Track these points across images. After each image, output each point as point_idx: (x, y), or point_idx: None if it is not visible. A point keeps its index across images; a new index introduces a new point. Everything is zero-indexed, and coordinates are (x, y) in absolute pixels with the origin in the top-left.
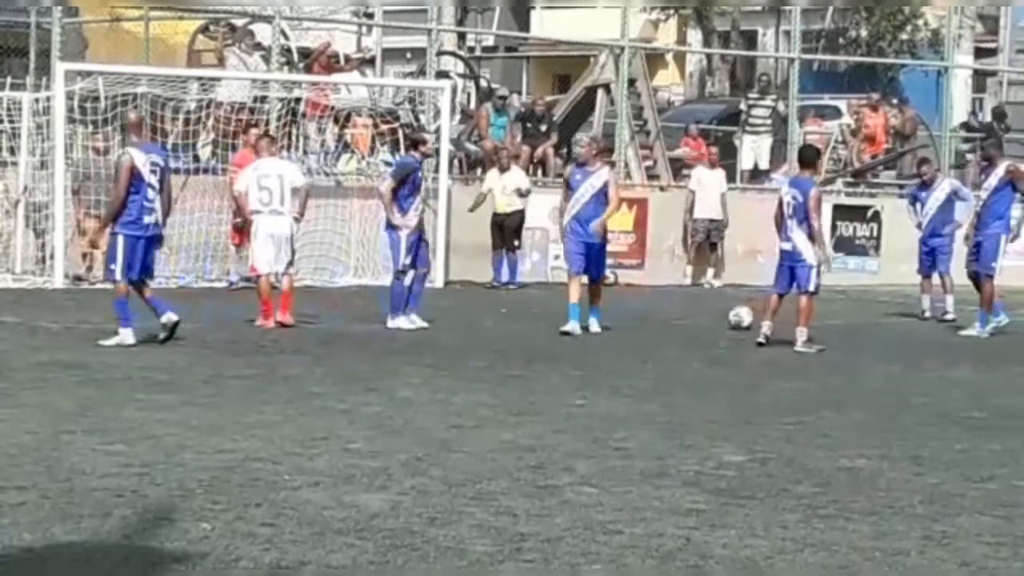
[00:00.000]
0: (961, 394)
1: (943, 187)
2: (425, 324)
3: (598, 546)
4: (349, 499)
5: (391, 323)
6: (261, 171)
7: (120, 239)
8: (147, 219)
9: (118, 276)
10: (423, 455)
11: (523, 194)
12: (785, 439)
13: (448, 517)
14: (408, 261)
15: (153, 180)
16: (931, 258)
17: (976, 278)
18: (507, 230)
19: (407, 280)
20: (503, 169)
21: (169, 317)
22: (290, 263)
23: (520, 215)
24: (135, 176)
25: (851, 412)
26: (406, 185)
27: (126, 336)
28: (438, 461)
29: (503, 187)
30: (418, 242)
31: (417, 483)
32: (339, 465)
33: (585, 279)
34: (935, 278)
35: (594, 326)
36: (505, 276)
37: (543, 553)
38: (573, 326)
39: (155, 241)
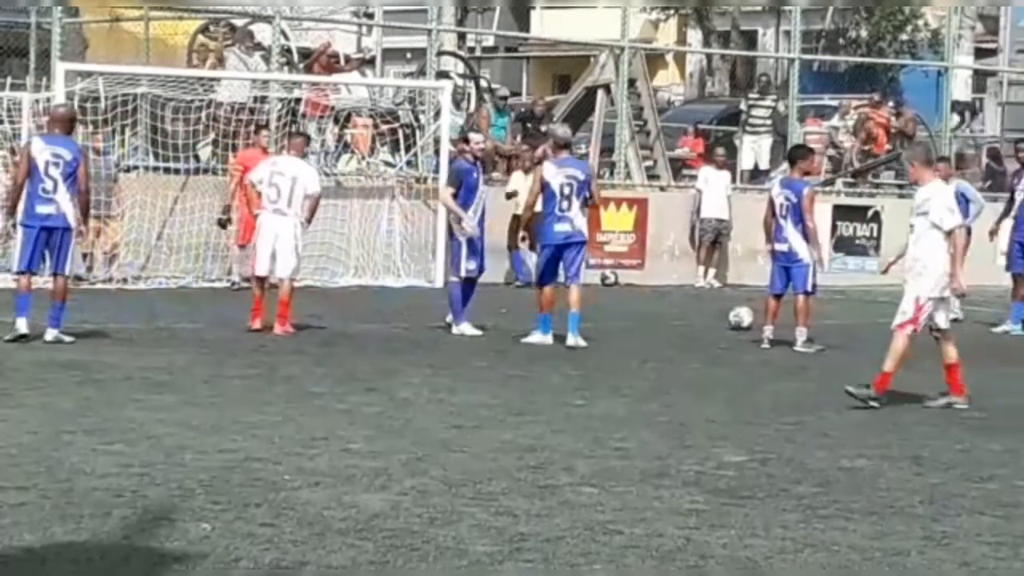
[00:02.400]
0: None
1: (952, 188)
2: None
3: (598, 546)
4: (349, 499)
5: (455, 329)
6: (277, 168)
7: (21, 231)
8: (40, 209)
9: (14, 267)
10: (423, 455)
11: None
12: (785, 439)
13: (448, 517)
14: (472, 266)
15: (54, 172)
16: None
17: (1020, 278)
18: (529, 230)
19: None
20: (527, 171)
21: (48, 335)
22: (293, 269)
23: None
24: (31, 165)
25: (851, 412)
26: (461, 189)
27: (20, 326)
28: (438, 461)
29: (529, 189)
30: (480, 245)
31: (417, 483)
32: (339, 465)
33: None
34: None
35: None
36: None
37: (543, 553)
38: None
39: (57, 233)
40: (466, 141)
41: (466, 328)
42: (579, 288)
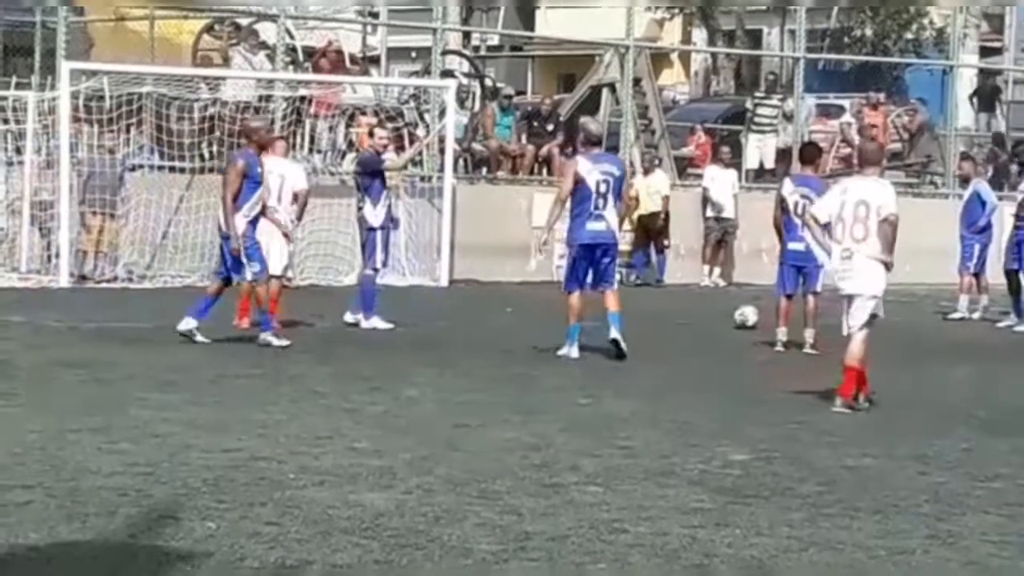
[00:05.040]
0: (966, 393)
1: (970, 187)
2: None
3: (603, 545)
4: (354, 498)
5: (367, 324)
6: (267, 167)
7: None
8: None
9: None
10: (428, 454)
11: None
12: (790, 438)
13: (453, 516)
14: (384, 257)
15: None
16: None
17: (1013, 275)
18: (652, 231)
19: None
20: (646, 172)
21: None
22: (287, 267)
23: (660, 215)
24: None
25: (856, 411)
26: (375, 180)
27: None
28: (443, 460)
29: (647, 189)
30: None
31: (422, 482)
32: (344, 464)
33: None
34: (986, 276)
35: None
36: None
37: (548, 552)
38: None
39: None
40: (371, 135)
41: (377, 321)
42: (615, 292)
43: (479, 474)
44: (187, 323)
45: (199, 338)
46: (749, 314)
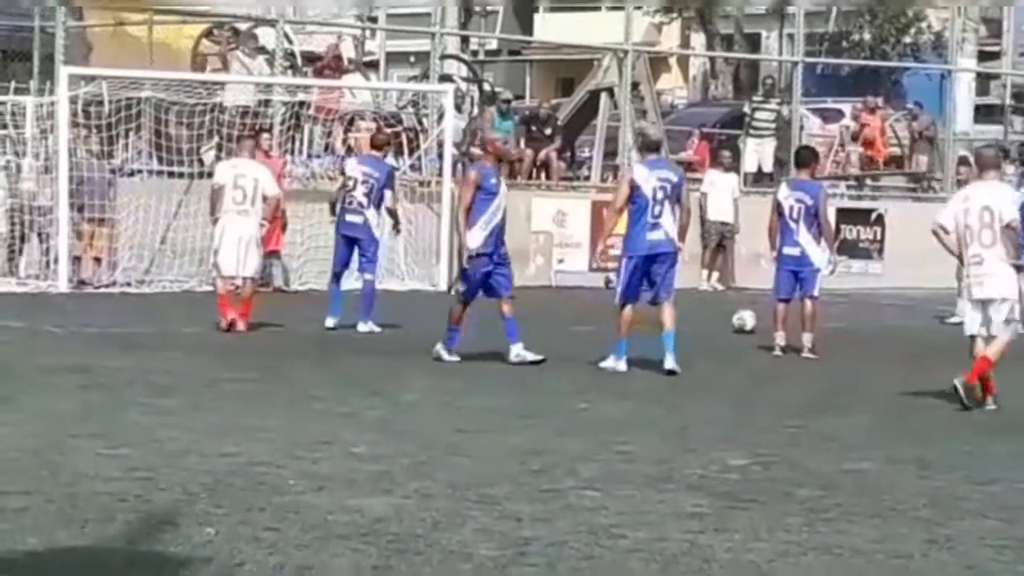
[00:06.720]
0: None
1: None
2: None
3: (602, 550)
4: (353, 503)
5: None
6: (239, 170)
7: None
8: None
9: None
10: (427, 459)
11: None
12: (789, 442)
13: (452, 521)
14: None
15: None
16: None
17: None
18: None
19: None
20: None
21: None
22: (257, 269)
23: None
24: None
25: (855, 415)
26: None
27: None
28: (442, 465)
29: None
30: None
31: (421, 487)
32: (342, 469)
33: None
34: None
35: None
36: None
37: (547, 557)
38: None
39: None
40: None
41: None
42: (672, 306)
43: (478, 479)
44: (439, 349)
45: (447, 358)
46: (747, 318)
